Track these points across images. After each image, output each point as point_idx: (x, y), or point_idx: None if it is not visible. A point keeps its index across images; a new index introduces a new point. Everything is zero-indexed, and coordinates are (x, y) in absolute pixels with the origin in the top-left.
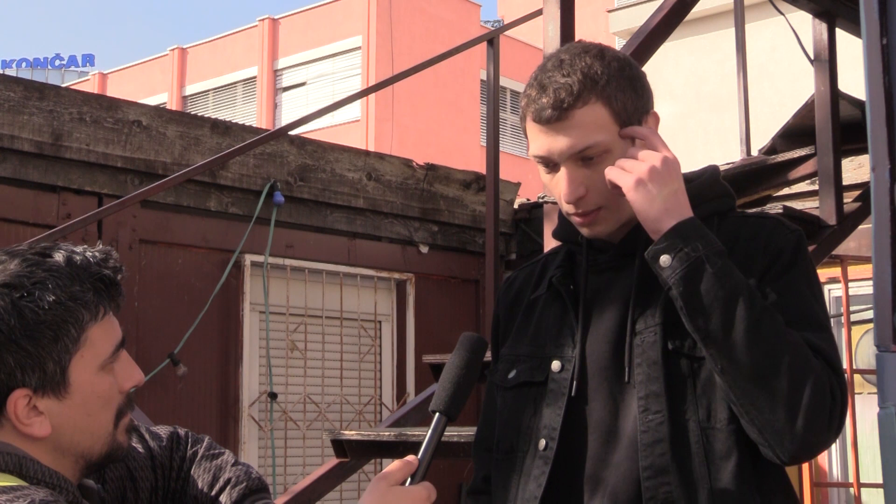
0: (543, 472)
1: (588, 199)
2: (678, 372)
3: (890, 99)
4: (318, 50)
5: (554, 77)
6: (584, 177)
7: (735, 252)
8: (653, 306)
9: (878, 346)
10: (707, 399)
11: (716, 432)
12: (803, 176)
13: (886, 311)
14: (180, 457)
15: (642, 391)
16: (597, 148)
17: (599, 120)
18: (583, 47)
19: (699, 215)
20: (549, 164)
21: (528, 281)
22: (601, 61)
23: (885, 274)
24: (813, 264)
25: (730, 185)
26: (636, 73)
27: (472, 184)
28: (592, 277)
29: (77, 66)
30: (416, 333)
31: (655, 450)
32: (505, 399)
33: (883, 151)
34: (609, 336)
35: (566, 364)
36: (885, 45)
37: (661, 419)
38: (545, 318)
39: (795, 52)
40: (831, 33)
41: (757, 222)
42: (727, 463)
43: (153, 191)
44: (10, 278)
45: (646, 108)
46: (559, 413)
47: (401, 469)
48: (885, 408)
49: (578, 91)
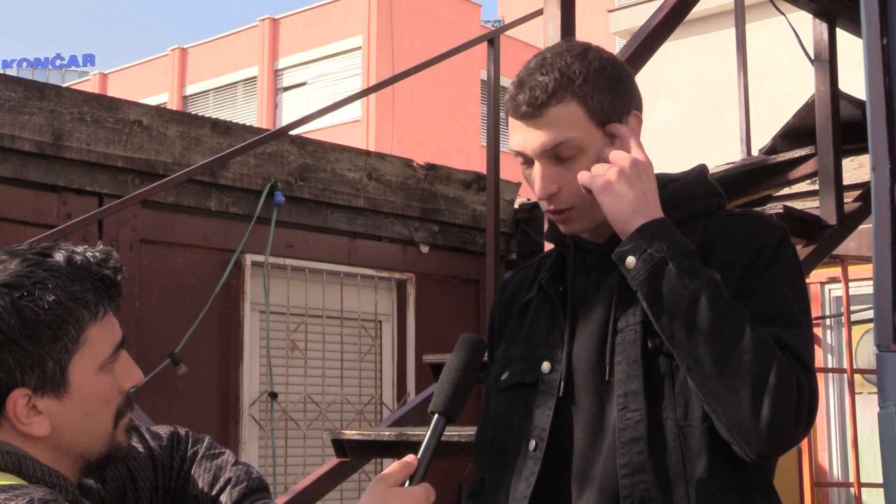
0: (533, 472)
1: (561, 197)
2: (657, 370)
3: (890, 99)
4: (319, 50)
5: (533, 75)
6: (558, 174)
7: (717, 250)
8: (634, 305)
9: (878, 345)
10: (684, 397)
11: (692, 430)
12: (803, 176)
13: (886, 311)
14: (181, 456)
15: (621, 389)
16: (570, 145)
17: (574, 118)
18: (567, 46)
19: (685, 214)
20: (526, 160)
21: (522, 284)
22: (582, 61)
23: (885, 274)
24: (797, 261)
25: (721, 186)
26: (618, 74)
27: (472, 184)
28: (580, 278)
29: (77, 66)
30: (417, 333)
31: (633, 448)
32: (498, 401)
33: (883, 151)
34: (594, 336)
35: (555, 365)
36: (885, 45)
37: (640, 417)
38: (537, 320)
39: (795, 52)
40: (831, 33)
41: (741, 220)
42: (703, 460)
43: (153, 191)
44: (11, 278)
45: (626, 109)
46: (548, 414)
47: (400, 470)
48: (885, 407)
49: (553, 89)
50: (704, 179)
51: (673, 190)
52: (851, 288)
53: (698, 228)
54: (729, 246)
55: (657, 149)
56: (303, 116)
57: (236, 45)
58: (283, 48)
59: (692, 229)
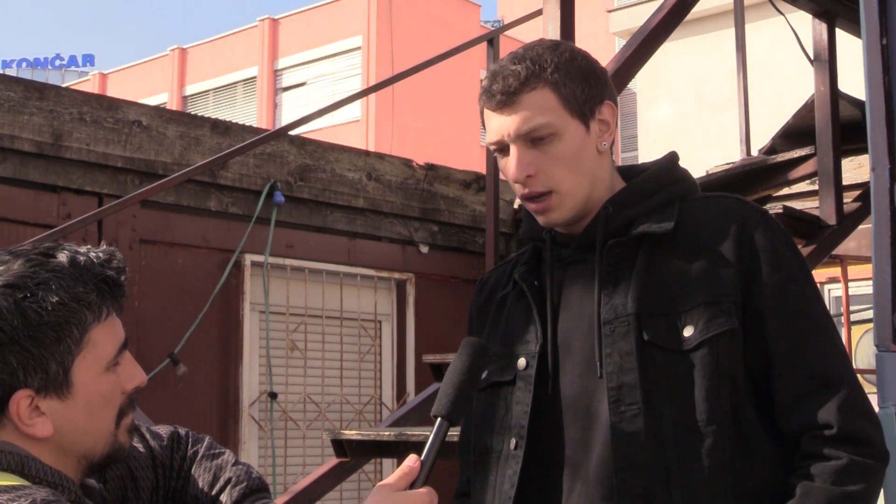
0: (515, 472)
1: (537, 179)
2: (653, 364)
3: (890, 99)
4: (318, 50)
5: (506, 66)
6: (534, 157)
7: (702, 236)
8: (622, 296)
9: (878, 345)
10: (683, 396)
11: (693, 432)
12: (803, 176)
13: (886, 311)
14: (181, 456)
15: (613, 382)
16: (544, 129)
17: (546, 104)
18: (539, 41)
19: (659, 201)
20: (503, 148)
21: (499, 281)
22: (553, 52)
23: (885, 274)
24: (789, 241)
25: (720, 186)
26: (589, 65)
27: (472, 184)
28: (557, 272)
29: (77, 66)
30: (416, 333)
31: (631, 442)
32: (479, 400)
33: (883, 151)
34: (579, 329)
35: (531, 361)
36: (885, 45)
37: (636, 411)
38: (512, 315)
39: (795, 52)
40: (831, 33)
41: (718, 202)
42: (703, 463)
43: (153, 191)
44: (14, 279)
45: (599, 98)
46: (526, 411)
47: (403, 477)
48: (885, 407)
49: (526, 77)
50: (675, 166)
51: (644, 178)
52: (851, 288)
53: (674, 213)
54: (714, 231)
55: (657, 149)
56: (303, 116)
57: (236, 45)
58: (283, 48)
59: (667, 214)
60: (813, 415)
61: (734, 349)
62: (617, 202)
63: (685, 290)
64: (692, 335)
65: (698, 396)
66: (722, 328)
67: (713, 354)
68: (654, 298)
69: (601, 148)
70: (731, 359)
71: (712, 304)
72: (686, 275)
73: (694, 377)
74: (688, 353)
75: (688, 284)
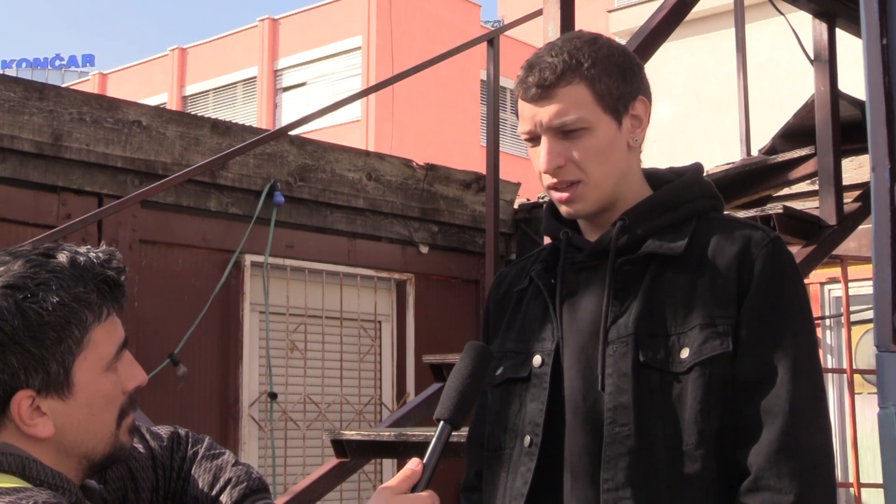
0: (529, 469)
1: (566, 170)
2: (648, 385)
3: (890, 99)
4: (318, 50)
5: (543, 57)
6: (564, 148)
7: (709, 258)
8: (626, 314)
9: (878, 346)
10: (676, 419)
11: (683, 455)
12: (803, 176)
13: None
14: (181, 457)
15: (611, 402)
16: (576, 123)
17: (581, 99)
18: (578, 34)
19: (678, 217)
20: (534, 138)
21: (518, 276)
22: (591, 46)
23: (885, 274)
24: (795, 272)
25: (720, 186)
26: (627, 62)
27: (472, 184)
28: (570, 275)
29: (77, 67)
30: (416, 333)
31: (619, 463)
32: (494, 396)
33: (883, 151)
34: (584, 345)
35: (546, 358)
36: (885, 45)
37: (629, 432)
38: (529, 312)
39: (795, 52)
40: (831, 33)
41: (730, 228)
42: (692, 487)
43: (153, 191)
44: (14, 279)
45: (633, 94)
46: (541, 409)
47: (405, 479)
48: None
49: (562, 71)
50: (699, 180)
51: (665, 193)
52: (851, 288)
53: (688, 231)
54: (721, 254)
55: (657, 149)
56: (303, 116)
57: (236, 45)
58: (283, 48)
59: (682, 233)
60: (761, 460)
61: (727, 372)
62: (633, 215)
63: (686, 310)
64: (687, 357)
65: (688, 419)
66: (715, 351)
67: (705, 377)
68: (655, 318)
69: (632, 143)
70: (723, 382)
71: (708, 326)
72: (689, 295)
73: (686, 399)
74: (681, 375)
75: (689, 305)
